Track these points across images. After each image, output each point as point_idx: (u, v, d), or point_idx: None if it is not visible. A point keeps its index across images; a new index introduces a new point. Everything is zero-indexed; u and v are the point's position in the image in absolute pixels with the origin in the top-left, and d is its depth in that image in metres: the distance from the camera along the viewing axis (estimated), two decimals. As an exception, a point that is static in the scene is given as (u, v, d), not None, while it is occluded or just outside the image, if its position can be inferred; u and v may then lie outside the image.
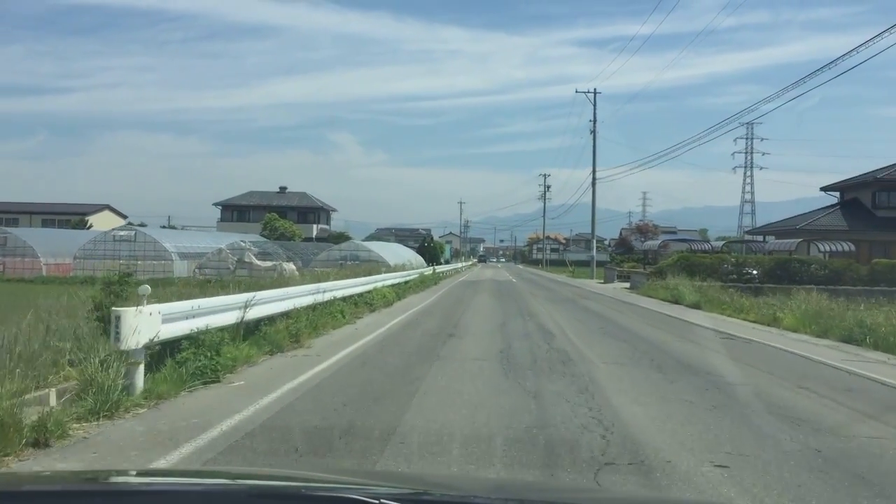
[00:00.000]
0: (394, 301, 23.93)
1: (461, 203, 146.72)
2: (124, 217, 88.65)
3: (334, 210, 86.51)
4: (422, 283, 34.23)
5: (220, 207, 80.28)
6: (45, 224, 75.18)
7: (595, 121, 58.85)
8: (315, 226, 79.26)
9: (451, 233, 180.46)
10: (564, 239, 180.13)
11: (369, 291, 22.19)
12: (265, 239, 63.49)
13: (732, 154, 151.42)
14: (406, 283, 31.30)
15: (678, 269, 36.96)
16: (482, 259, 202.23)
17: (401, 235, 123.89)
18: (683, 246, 52.90)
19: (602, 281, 51.09)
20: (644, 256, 56.20)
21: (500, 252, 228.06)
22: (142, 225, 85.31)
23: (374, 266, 43.98)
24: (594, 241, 60.73)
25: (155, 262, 47.64)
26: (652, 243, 50.36)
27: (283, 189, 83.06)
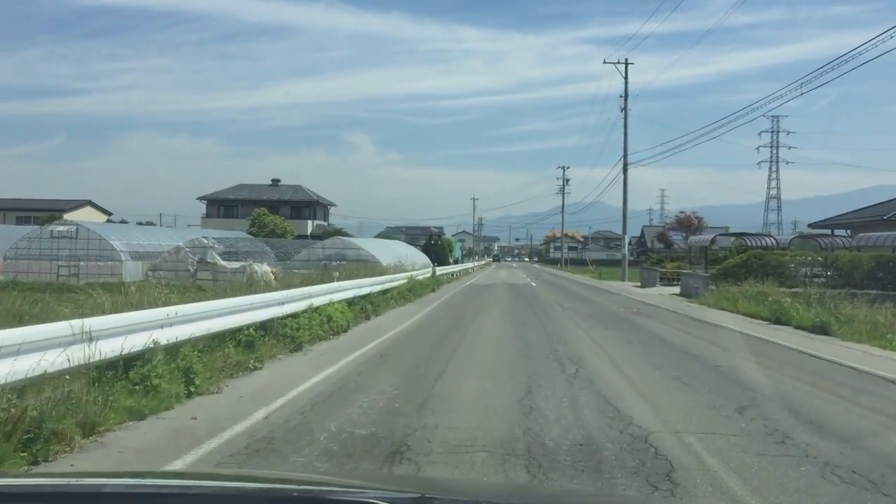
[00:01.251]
0: (347, 327, 15.01)
1: (474, 199, 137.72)
2: (108, 214, 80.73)
3: (332, 205, 77.91)
4: (412, 291, 25.40)
5: (205, 202, 71.89)
6: (18, 221, 67.19)
7: (626, 96, 49.91)
8: (310, 222, 70.73)
9: (464, 231, 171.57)
10: (582, 237, 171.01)
11: (304, 312, 13.34)
12: (250, 236, 55.13)
13: (757, 148, 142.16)
14: (385, 291, 22.47)
15: (744, 270, 28.09)
16: (496, 258, 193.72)
17: (412, 234, 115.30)
18: (737, 241, 43.73)
19: (639, 284, 42.04)
20: (687, 254, 47.00)
21: (516, 251, 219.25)
22: (123, 222, 77.31)
23: (365, 266, 35.71)
24: (626, 237, 51.72)
25: (101, 264, 39.19)
26: (698, 239, 41.03)
27: (275, 182, 74.55)
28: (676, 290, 34.45)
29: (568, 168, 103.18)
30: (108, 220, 76.49)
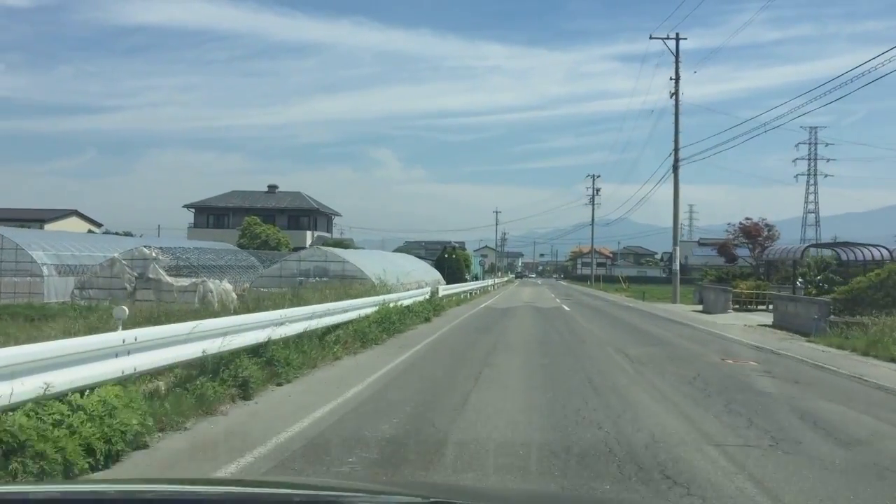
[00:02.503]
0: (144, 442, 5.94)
1: (497, 212, 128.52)
2: (98, 224, 72.81)
3: (336, 214, 69.32)
4: (384, 324, 16.02)
5: (192, 210, 63.65)
6: (-6, 232, 59.27)
7: (677, 78, 40.72)
8: (310, 232, 62.17)
9: (486, 246, 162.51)
10: (610, 253, 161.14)
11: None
12: (239, 248, 46.64)
13: (794, 161, 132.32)
14: (333, 328, 13.32)
15: (882, 294, 18.95)
16: (519, 275, 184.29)
17: (431, 248, 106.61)
18: (828, 252, 34.19)
19: (700, 308, 32.62)
20: (755, 270, 37.58)
21: (540, 267, 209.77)
22: (107, 233, 69.34)
23: (348, 284, 27.33)
24: (676, 250, 42.27)
25: (17, 280, 30.85)
26: (783, 250, 31.34)
27: (272, 188, 66.16)
28: (762, 318, 25.11)
29: (598, 176, 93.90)
30: (89, 231, 68.19)
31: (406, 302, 21.16)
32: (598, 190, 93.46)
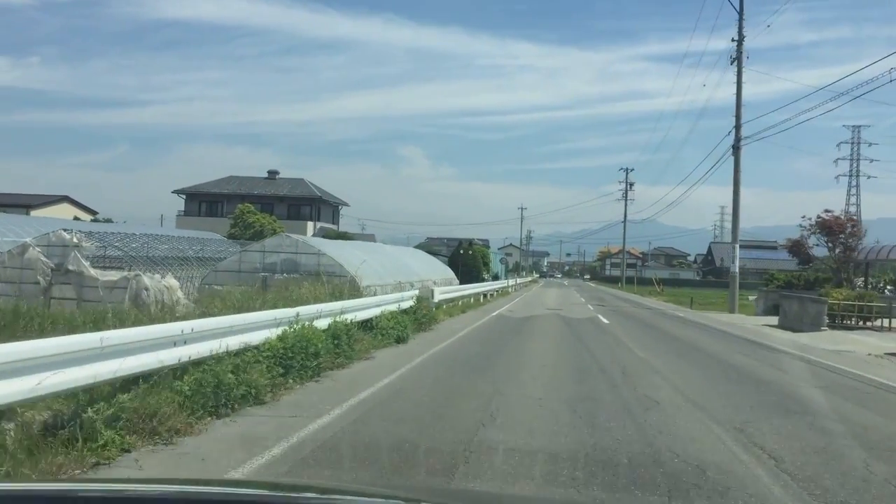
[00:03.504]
0: None
1: (522, 209, 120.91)
2: (93, 212, 66.69)
3: (343, 204, 62.34)
4: (295, 356, 8.92)
5: (183, 197, 57.09)
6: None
7: (740, 40, 33.04)
8: (311, 223, 55.31)
9: (511, 244, 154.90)
10: (640, 253, 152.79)
11: None
12: (229, 239, 39.86)
13: (835, 161, 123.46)
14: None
15: None
16: (545, 275, 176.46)
17: (453, 246, 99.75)
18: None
19: (776, 323, 24.88)
20: (836, 273, 29.82)
21: (566, 267, 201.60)
22: (96, 220, 63.18)
23: (324, 285, 20.54)
24: (736, 248, 34.38)
25: None
26: (883, 248, 23.35)
27: (272, 174, 59.37)
28: (880, 340, 17.60)
29: (631, 170, 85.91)
30: (75, 219, 61.78)
31: (366, 314, 13.99)
32: (631, 185, 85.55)
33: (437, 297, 22.54)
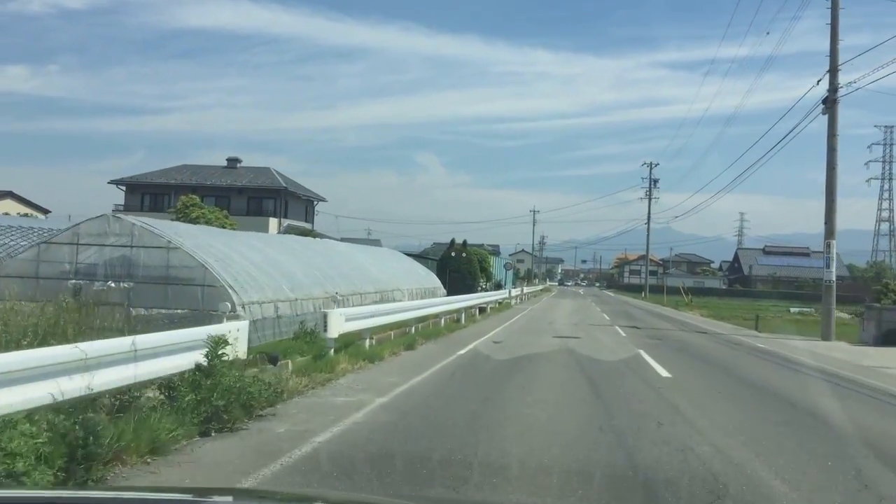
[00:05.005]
0: None
1: (534, 211, 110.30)
2: (44, 211, 57.03)
3: (319, 199, 52.08)
4: None
5: (122, 189, 47.18)
6: None
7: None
8: (275, 220, 45.26)
9: (523, 250, 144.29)
10: (660, 260, 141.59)
11: None
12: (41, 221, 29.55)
13: (866, 163, 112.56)
14: None
15: None
16: (562, 282, 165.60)
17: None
18: None
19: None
20: None
21: (581, 275, 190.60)
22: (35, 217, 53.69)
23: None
24: (832, 246, 23.38)
25: None
26: None
27: (232, 162, 49.28)
28: None
29: (656, 164, 75.22)
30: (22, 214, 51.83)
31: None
32: (655, 181, 74.87)
33: (348, 326, 12.05)
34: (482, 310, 29.62)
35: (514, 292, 42.85)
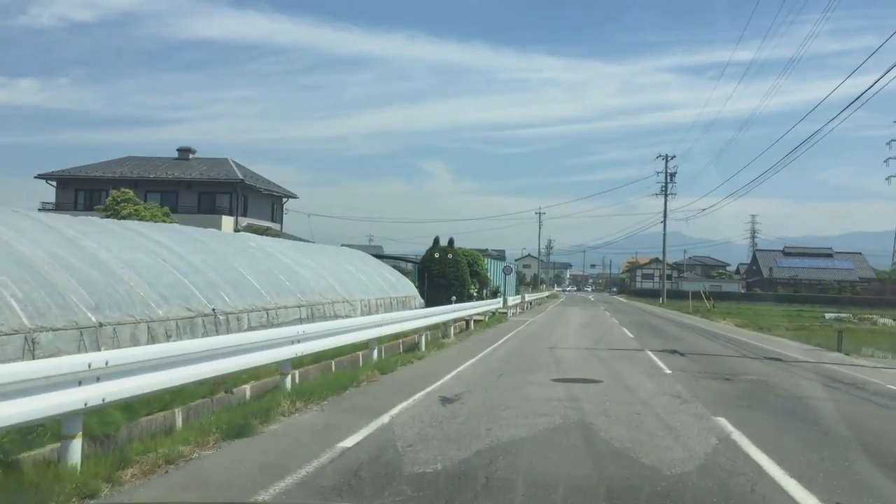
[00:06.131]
0: None
1: (539, 212, 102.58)
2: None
3: (289, 196, 44.53)
4: None
5: (53, 184, 39.88)
6: None
7: None
8: (230, 218, 37.88)
9: (529, 255, 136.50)
10: (673, 263, 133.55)
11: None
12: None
13: (885, 161, 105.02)
14: None
15: None
16: (573, 285, 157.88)
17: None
18: None
19: None
20: None
21: (591, 280, 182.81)
22: None
23: None
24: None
25: None
26: None
27: (184, 152, 41.85)
28: None
29: (672, 157, 67.43)
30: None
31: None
32: (671, 175, 67.09)
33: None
34: (472, 322, 22.12)
35: (513, 301, 35.15)
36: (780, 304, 75.33)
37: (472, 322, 22.40)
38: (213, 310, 12.56)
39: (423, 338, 15.11)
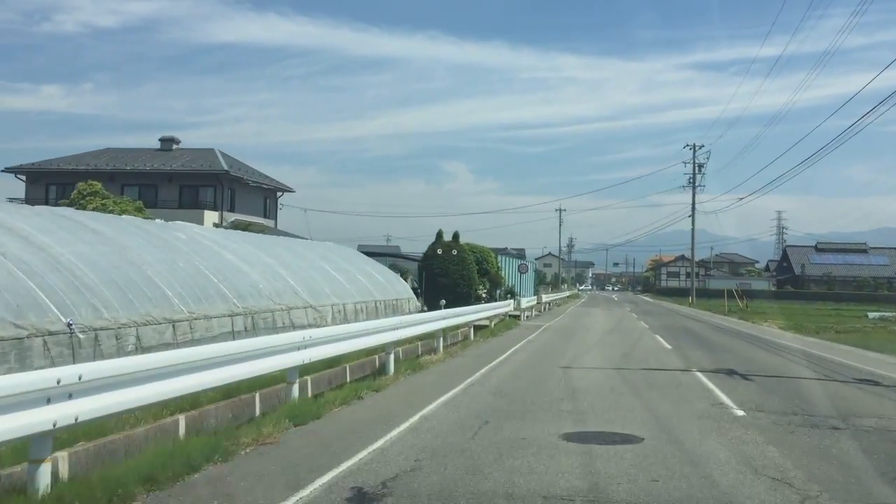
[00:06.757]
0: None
1: (560, 210, 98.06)
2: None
3: (285, 190, 40.66)
4: None
5: (22, 178, 36.32)
6: None
7: None
8: (215, 213, 34.08)
9: (550, 254, 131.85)
10: (699, 261, 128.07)
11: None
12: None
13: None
14: None
15: None
16: (598, 284, 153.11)
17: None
18: None
19: None
20: None
21: (613, 279, 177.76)
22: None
23: None
24: None
25: None
26: None
27: (167, 142, 38.09)
28: None
29: (700, 147, 62.68)
30: None
31: None
32: (700, 167, 62.39)
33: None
34: (473, 330, 18.02)
35: (527, 302, 30.89)
36: (813, 302, 70.34)
37: (473, 330, 18.25)
38: (70, 325, 8.62)
39: (392, 357, 10.99)
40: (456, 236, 29.55)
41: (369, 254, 27.15)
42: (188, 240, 13.64)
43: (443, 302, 20.71)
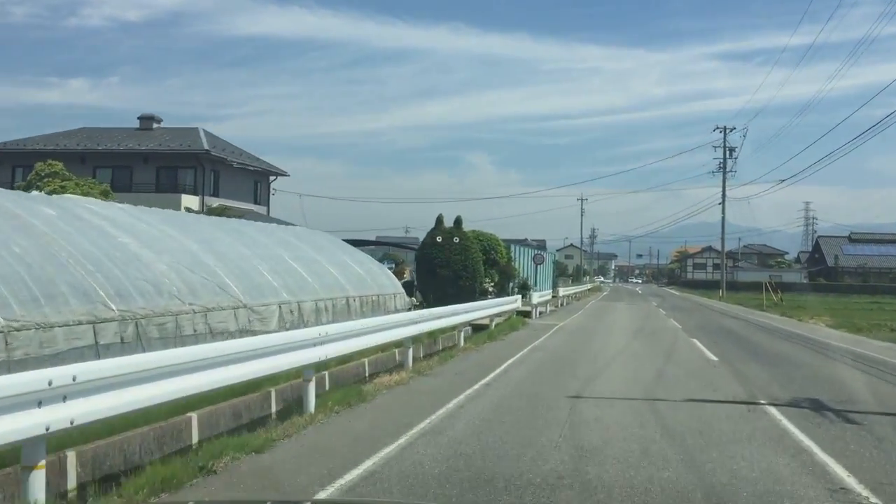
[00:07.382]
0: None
1: (582, 199, 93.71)
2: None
3: (279, 173, 36.97)
4: None
5: (-12, 159, 33.03)
6: None
7: None
8: (195, 198, 30.59)
9: (571, 245, 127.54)
10: (727, 252, 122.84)
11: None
12: None
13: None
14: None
15: None
16: (624, 278, 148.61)
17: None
18: None
19: None
20: None
21: (637, 271, 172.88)
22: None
23: None
24: None
25: None
26: None
27: (147, 121, 34.57)
28: None
29: (732, 129, 58.09)
30: None
31: None
32: (731, 151, 57.86)
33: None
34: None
35: (539, 297, 26.96)
36: (848, 295, 65.56)
37: (460, 339, 14.42)
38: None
39: (310, 387, 7.21)
40: (458, 221, 25.58)
41: (355, 242, 23.37)
42: (59, 217, 9.95)
43: (414, 300, 16.89)
